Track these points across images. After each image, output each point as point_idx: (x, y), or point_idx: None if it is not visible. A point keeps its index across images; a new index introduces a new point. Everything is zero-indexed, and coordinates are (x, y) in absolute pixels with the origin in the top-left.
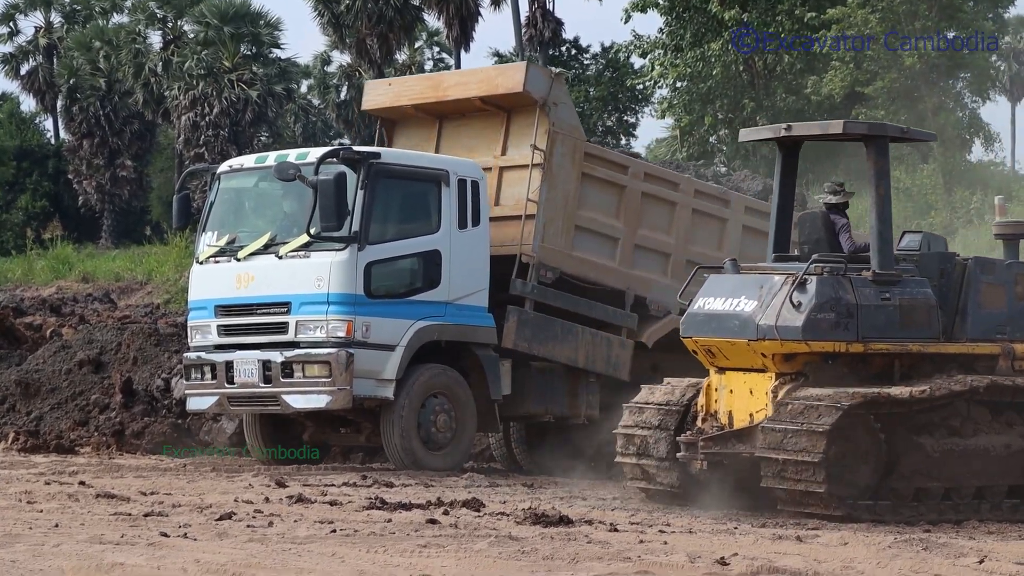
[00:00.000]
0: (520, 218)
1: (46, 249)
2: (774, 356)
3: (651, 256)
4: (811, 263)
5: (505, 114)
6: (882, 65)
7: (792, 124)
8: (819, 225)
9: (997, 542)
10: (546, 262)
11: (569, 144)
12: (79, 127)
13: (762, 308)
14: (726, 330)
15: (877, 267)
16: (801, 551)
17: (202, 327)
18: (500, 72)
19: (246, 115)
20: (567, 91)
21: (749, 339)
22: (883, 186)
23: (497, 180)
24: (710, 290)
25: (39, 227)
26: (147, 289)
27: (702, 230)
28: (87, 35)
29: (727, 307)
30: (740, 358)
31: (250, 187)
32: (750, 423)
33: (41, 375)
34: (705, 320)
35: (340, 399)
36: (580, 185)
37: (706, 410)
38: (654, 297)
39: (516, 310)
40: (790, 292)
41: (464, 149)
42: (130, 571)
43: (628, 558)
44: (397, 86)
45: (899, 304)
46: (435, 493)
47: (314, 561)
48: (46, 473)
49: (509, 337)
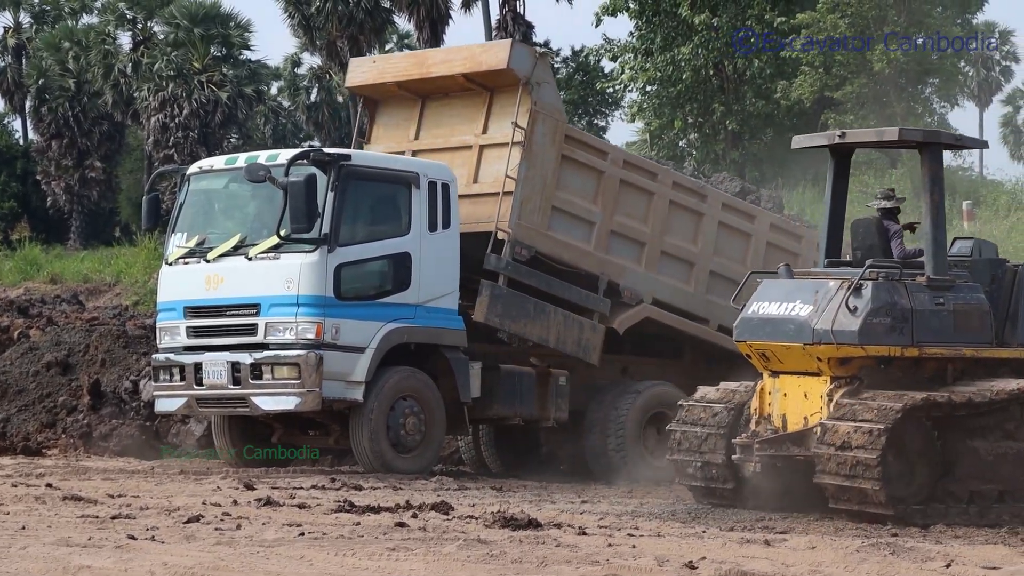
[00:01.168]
0: (498, 195)
1: (14, 250)
2: (829, 360)
3: (626, 243)
4: (867, 268)
5: (488, 93)
6: (851, 70)
7: (846, 131)
8: (873, 231)
9: (964, 546)
10: (522, 239)
11: (550, 124)
12: (48, 128)
13: (818, 312)
14: (781, 334)
15: (931, 272)
16: (769, 555)
17: (171, 328)
18: (485, 49)
19: (216, 116)
20: (551, 72)
21: (805, 343)
22: (937, 192)
23: (477, 158)
24: (764, 295)
25: (7, 228)
26: (116, 291)
27: (678, 222)
28: (56, 35)
29: (782, 312)
30: (795, 362)
31: (220, 188)
32: (804, 426)
33: (8, 376)
34: (760, 324)
35: (309, 401)
36: (559, 167)
37: (759, 413)
38: (627, 284)
39: (489, 285)
40: (846, 297)
41: (445, 128)
42: (97, 574)
43: (596, 561)
44: (381, 63)
45: (953, 309)
46: (404, 496)
47: (282, 564)
48: (12, 475)
49: (481, 311)
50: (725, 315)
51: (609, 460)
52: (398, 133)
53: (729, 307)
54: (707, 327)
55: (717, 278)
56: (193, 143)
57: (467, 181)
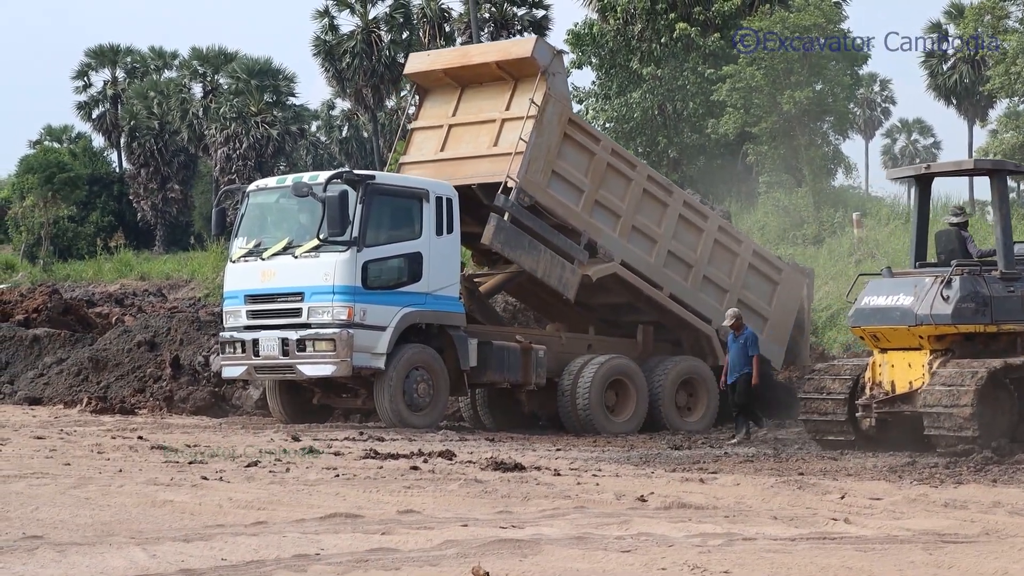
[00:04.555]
0: (511, 155)
1: (112, 255)
2: (929, 337)
3: (606, 214)
4: (955, 266)
5: (514, 82)
6: (766, 110)
7: (931, 163)
8: (952, 239)
9: (855, 483)
10: (526, 189)
11: (559, 108)
12: (137, 159)
13: (918, 301)
14: (890, 319)
15: (1003, 267)
16: (703, 490)
17: (234, 312)
18: (514, 43)
19: (269, 149)
20: (564, 68)
21: (909, 325)
22: (1004, 208)
23: (499, 128)
24: (872, 290)
25: (106, 237)
26: (191, 286)
27: (648, 207)
28: (144, 87)
29: (889, 302)
30: (900, 340)
31: (272, 202)
32: (910, 389)
33: (108, 353)
34: (871, 313)
35: (342, 369)
36: (561, 142)
37: (872, 381)
38: (603, 244)
39: (496, 217)
40: (940, 288)
41: (477, 108)
42: (178, 506)
43: (568, 496)
44: (434, 56)
45: (1021, 294)
46: (417, 446)
47: (322, 499)
48: (112, 430)
49: (488, 236)
50: (675, 287)
51: (578, 417)
52: (440, 112)
53: (678, 280)
54: (661, 293)
55: (672, 257)
56: (251, 170)
57: (489, 145)
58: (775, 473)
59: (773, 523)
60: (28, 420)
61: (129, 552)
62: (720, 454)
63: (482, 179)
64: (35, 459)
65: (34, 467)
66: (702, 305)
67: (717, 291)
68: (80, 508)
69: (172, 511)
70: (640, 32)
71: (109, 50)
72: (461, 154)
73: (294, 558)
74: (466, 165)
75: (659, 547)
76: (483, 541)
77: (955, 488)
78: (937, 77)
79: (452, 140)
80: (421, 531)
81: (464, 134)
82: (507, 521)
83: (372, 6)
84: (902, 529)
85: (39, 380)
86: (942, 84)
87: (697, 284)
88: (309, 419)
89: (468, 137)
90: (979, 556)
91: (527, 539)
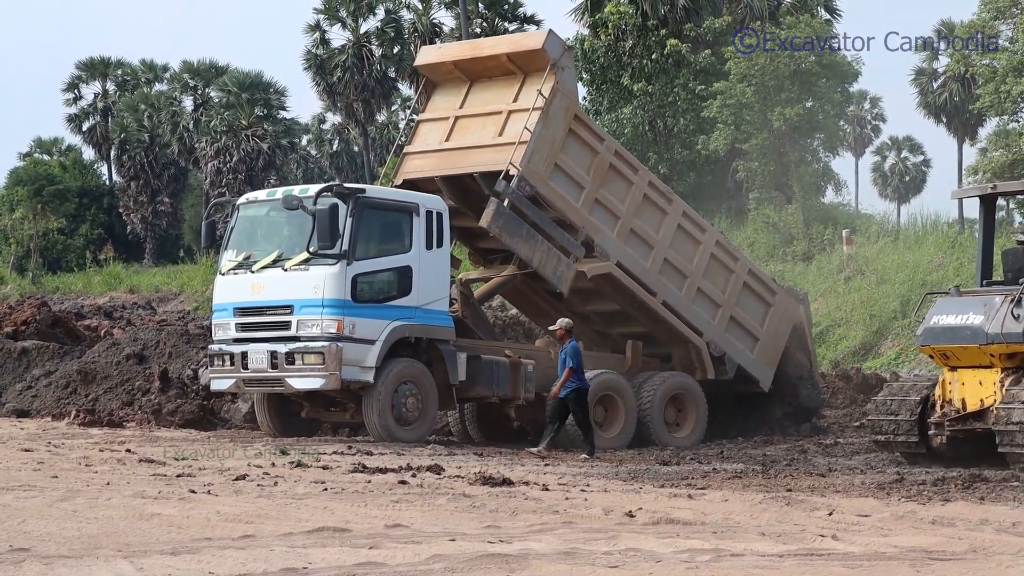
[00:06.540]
0: (514, 144)
1: (101, 267)
2: (1000, 355)
3: (606, 213)
4: None
5: (523, 76)
6: (756, 127)
7: (997, 183)
8: (1020, 257)
9: (843, 499)
10: (527, 178)
11: (565, 102)
12: (127, 172)
13: (989, 320)
14: (960, 338)
15: None
16: (691, 506)
17: (223, 324)
18: (526, 36)
19: (259, 162)
20: (573, 62)
21: (980, 344)
22: None
23: (505, 119)
24: (941, 309)
25: (96, 250)
26: (180, 299)
27: (647, 212)
28: (135, 100)
29: (959, 321)
30: (971, 358)
31: (262, 215)
32: (981, 406)
33: (97, 366)
34: (941, 332)
35: (331, 382)
36: (566, 137)
37: (943, 399)
38: (600, 243)
39: (496, 202)
40: (1011, 307)
41: (484, 101)
42: (166, 519)
43: (556, 511)
44: (445, 48)
45: None
46: (405, 460)
47: (310, 512)
48: (100, 442)
49: (486, 219)
50: (669, 295)
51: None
52: (448, 104)
53: (672, 289)
54: (655, 299)
55: (668, 265)
56: (241, 183)
57: (493, 135)
58: (763, 489)
59: (761, 539)
60: (16, 432)
61: (116, 565)
62: (708, 470)
63: (484, 167)
64: (23, 471)
65: (21, 479)
66: (694, 317)
67: (710, 305)
68: (67, 521)
69: (160, 524)
70: (631, 48)
71: (100, 63)
72: (465, 144)
73: (282, 572)
74: (469, 154)
75: (647, 563)
76: (471, 556)
77: (943, 505)
78: (927, 95)
79: (458, 131)
80: (409, 545)
81: (470, 125)
82: (495, 536)
83: (363, 20)
84: (890, 546)
85: (27, 393)
86: (932, 102)
87: (691, 295)
88: (297, 432)
89: (474, 128)
90: (966, 573)
91: (515, 554)
